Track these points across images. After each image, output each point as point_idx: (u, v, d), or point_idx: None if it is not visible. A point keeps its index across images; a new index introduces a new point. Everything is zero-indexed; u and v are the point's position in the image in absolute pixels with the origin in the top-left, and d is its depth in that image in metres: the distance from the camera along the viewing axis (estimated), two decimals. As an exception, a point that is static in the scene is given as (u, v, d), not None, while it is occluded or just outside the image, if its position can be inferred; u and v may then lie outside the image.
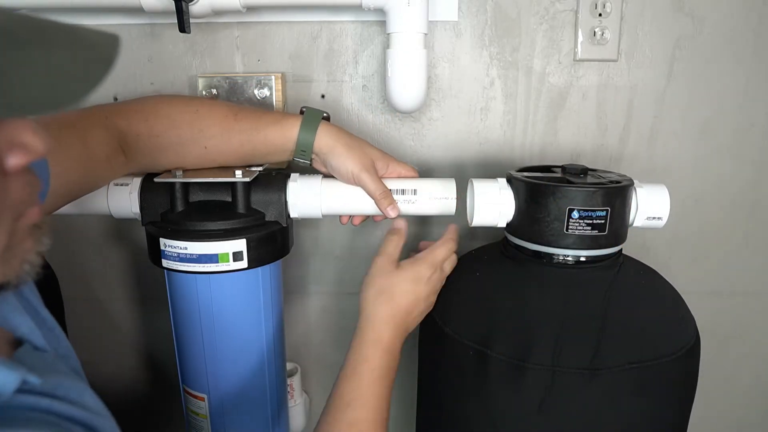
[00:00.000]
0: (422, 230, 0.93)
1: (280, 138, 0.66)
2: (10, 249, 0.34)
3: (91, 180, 0.63)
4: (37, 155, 0.33)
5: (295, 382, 0.95)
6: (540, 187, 0.62)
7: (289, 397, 0.91)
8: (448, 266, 0.68)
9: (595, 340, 0.57)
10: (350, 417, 0.57)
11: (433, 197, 0.70)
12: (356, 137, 0.69)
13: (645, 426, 0.59)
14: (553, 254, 0.64)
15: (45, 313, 0.48)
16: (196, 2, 0.71)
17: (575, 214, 0.61)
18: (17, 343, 0.43)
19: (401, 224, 0.70)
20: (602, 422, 0.57)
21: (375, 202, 0.68)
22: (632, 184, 0.65)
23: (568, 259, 0.63)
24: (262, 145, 0.67)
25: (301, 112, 0.68)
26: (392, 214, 0.69)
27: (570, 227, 0.61)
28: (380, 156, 0.69)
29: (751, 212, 0.91)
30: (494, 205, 0.66)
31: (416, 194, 0.70)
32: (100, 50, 0.32)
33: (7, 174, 0.33)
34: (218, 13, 0.76)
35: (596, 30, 0.82)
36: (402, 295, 0.63)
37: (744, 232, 0.92)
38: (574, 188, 0.61)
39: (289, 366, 0.97)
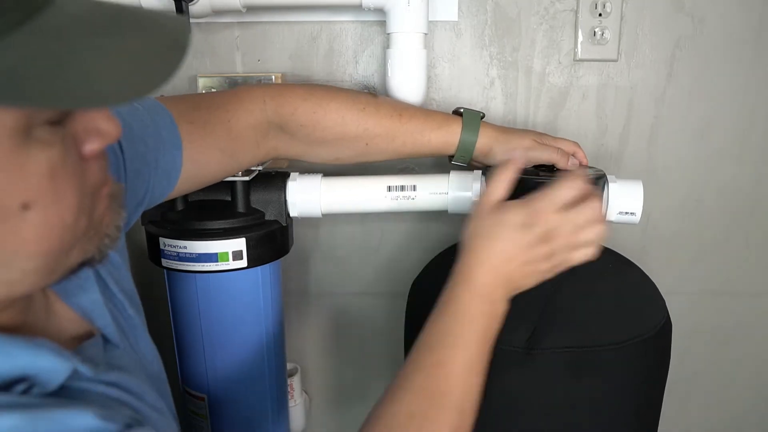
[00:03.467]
0: (423, 229, 0.93)
1: (443, 143, 0.68)
2: (92, 228, 0.36)
3: (231, 167, 0.62)
4: (111, 140, 0.34)
5: (295, 382, 0.95)
6: (527, 182, 0.63)
7: (289, 397, 0.91)
8: (582, 218, 0.54)
9: (535, 322, 0.60)
10: (436, 358, 0.50)
11: (432, 193, 0.70)
12: (508, 128, 0.70)
13: (587, 408, 0.61)
14: None
15: (125, 298, 0.49)
16: (196, 2, 0.72)
17: None
18: (91, 334, 0.43)
19: (516, 154, 0.64)
20: (539, 402, 0.58)
21: (559, 166, 0.66)
22: (603, 177, 0.65)
23: None
24: (424, 148, 0.68)
25: (456, 113, 0.69)
26: (575, 163, 0.67)
27: None
28: (535, 134, 0.69)
29: (751, 212, 0.91)
30: (467, 195, 0.69)
31: (416, 190, 0.70)
32: (173, 35, 0.32)
33: (85, 159, 0.34)
34: (218, 13, 0.76)
35: (596, 30, 0.82)
36: (499, 239, 0.54)
37: (744, 232, 0.92)
38: (536, 180, 0.62)
39: (289, 366, 0.97)
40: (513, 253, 0.53)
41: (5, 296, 0.34)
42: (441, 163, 0.89)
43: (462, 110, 0.69)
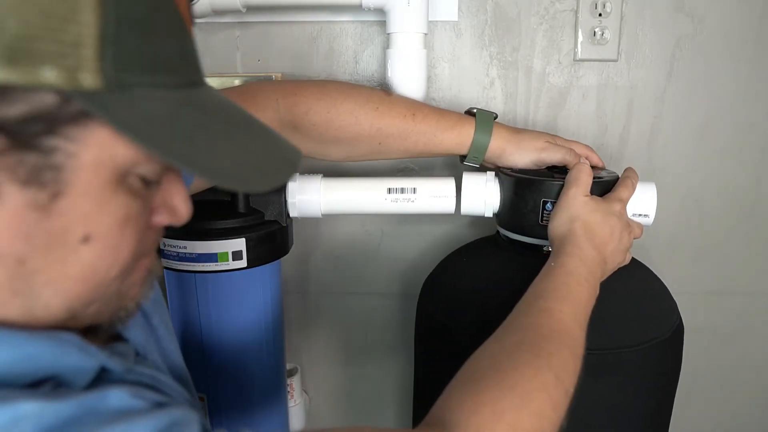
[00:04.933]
0: (423, 229, 0.93)
1: (455, 144, 0.68)
2: (115, 295, 0.35)
3: None
4: (180, 222, 0.36)
5: (295, 382, 0.95)
6: (520, 180, 0.65)
7: (289, 397, 0.91)
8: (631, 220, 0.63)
9: None
10: (545, 305, 0.50)
11: (432, 196, 0.70)
12: (521, 129, 0.70)
13: (605, 410, 0.61)
14: (537, 245, 0.66)
15: (159, 323, 0.47)
16: (196, 2, 0.72)
17: (549, 206, 0.63)
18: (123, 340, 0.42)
19: (583, 151, 0.69)
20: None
21: (569, 166, 0.66)
22: (616, 180, 0.65)
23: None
24: (436, 148, 0.68)
25: (469, 113, 0.69)
26: (590, 161, 0.68)
27: (544, 219, 0.64)
28: (548, 136, 0.70)
29: (751, 212, 0.91)
30: (480, 195, 0.68)
31: (416, 193, 0.70)
32: (287, 153, 0.36)
33: (151, 227, 0.35)
34: (218, 13, 0.76)
35: (596, 30, 0.82)
36: (598, 224, 0.59)
37: (744, 232, 0.92)
38: (548, 181, 0.63)
39: (289, 366, 0.97)
40: (610, 237, 0.59)
41: (24, 322, 0.33)
42: (441, 165, 0.89)
43: (475, 110, 0.69)
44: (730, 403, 1.02)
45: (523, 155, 0.68)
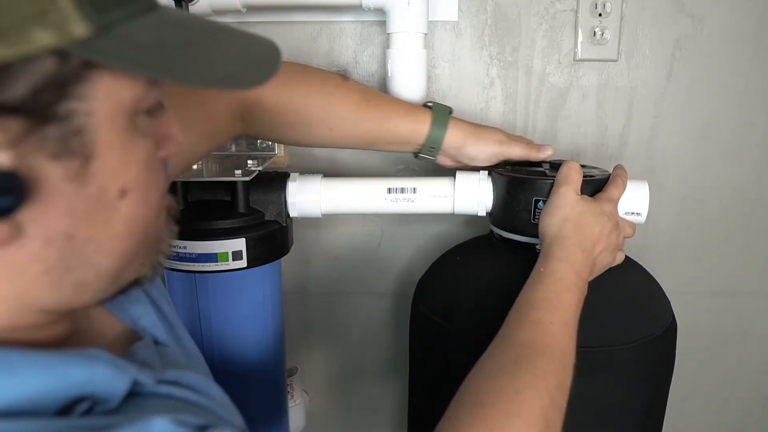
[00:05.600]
0: (422, 229, 0.93)
1: (410, 132, 0.67)
2: (152, 242, 0.35)
3: (211, 148, 0.62)
4: (179, 148, 0.36)
5: (295, 382, 0.95)
6: (512, 179, 0.66)
7: (289, 397, 0.91)
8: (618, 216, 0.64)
9: None
10: (535, 317, 0.51)
11: (432, 195, 0.70)
12: (479, 125, 0.70)
13: (598, 408, 0.61)
14: (530, 243, 0.66)
15: (168, 309, 0.47)
16: (196, 2, 0.71)
17: (541, 205, 0.63)
18: (136, 337, 0.41)
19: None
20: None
21: (530, 158, 0.69)
22: (607, 178, 0.65)
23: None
24: (390, 135, 0.67)
25: (426, 107, 0.69)
26: (548, 152, 0.69)
27: (536, 217, 0.64)
28: (502, 131, 0.70)
29: (751, 212, 0.91)
30: (473, 194, 0.68)
31: (416, 192, 0.70)
32: (267, 46, 0.35)
33: (161, 162, 0.35)
34: (218, 13, 0.76)
35: (596, 30, 0.82)
36: (588, 224, 0.59)
37: (744, 232, 0.92)
38: (540, 180, 0.63)
39: (289, 366, 0.97)
40: (599, 238, 0.59)
41: (68, 304, 0.33)
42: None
43: (431, 104, 0.69)
44: (729, 404, 1.02)
45: (484, 148, 0.68)
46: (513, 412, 0.43)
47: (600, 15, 0.81)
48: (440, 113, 0.67)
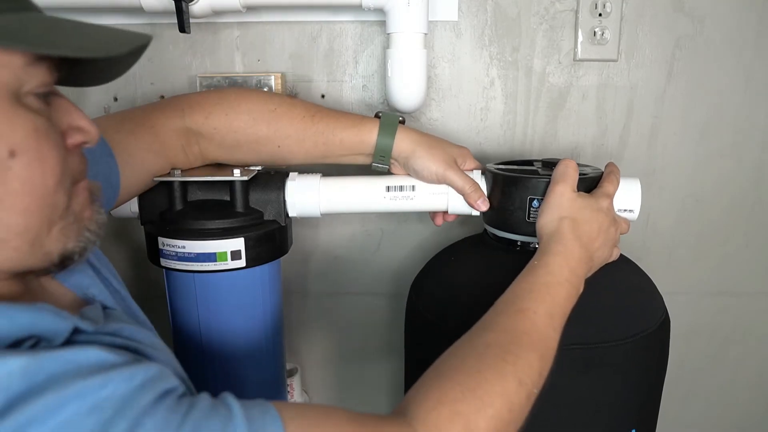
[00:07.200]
0: (420, 228, 0.93)
1: (357, 142, 0.67)
2: (71, 215, 0.40)
3: (165, 163, 0.66)
4: (91, 138, 0.41)
5: (295, 382, 0.95)
6: (506, 178, 0.66)
7: (289, 397, 0.91)
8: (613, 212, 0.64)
9: None
10: (520, 306, 0.52)
11: (431, 193, 0.70)
12: (434, 137, 0.69)
13: (593, 403, 0.61)
14: (524, 242, 0.67)
15: (117, 284, 0.53)
16: (196, 2, 0.72)
17: (535, 204, 0.63)
18: (87, 305, 0.46)
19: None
20: (545, 397, 0.58)
21: (465, 198, 0.68)
22: (600, 175, 0.66)
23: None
24: (337, 148, 0.67)
25: (377, 117, 0.68)
26: (483, 207, 0.68)
27: (531, 216, 0.64)
28: (459, 152, 0.70)
29: (751, 212, 0.91)
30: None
31: (414, 190, 0.70)
32: (134, 31, 0.40)
33: (68, 149, 0.40)
34: (218, 13, 0.76)
35: (596, 30, 0.82)
36: (586, 220, 0.60)
37: (744, 232, 0.92)
38: (535, 178, 0.64)
39: (289, 366, 0.97)
40: (597, 234, 0.60)
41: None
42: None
43: (381, 114, 0.69)
44: (729, 403, 1.02)
45: (429, 164, 0.66)
46: (469, 387, 0.44)
47: (600, 15, 0.81)
48: (388, 122, 0.67)
